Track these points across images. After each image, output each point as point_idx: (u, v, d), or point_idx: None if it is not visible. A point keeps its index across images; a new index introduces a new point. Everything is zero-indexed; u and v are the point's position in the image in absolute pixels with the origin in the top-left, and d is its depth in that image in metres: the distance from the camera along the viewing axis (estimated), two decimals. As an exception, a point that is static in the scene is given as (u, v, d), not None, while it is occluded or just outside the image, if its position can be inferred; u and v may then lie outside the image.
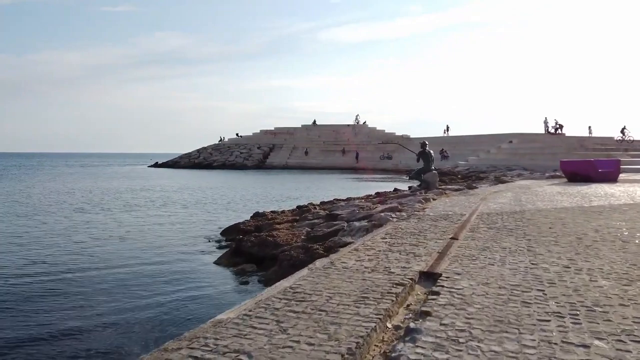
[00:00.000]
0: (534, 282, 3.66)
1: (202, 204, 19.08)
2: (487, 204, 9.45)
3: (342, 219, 8.80)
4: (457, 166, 36.04)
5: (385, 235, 5.82)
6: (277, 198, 21.67)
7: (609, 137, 40.34)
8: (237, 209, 17.20)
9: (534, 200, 9.92)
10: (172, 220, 14.33)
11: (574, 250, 4.79)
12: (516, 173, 25.70)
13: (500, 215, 7.59)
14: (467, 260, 4.40)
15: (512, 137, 41.54)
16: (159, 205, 18.47)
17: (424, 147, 14.02)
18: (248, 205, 18.16)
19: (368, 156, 53.28)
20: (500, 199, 10.50)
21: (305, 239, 7.69)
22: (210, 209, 17.47)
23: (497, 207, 8.85)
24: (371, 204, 10.19)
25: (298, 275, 3.91)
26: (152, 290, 6.65)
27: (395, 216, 7.82)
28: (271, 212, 11.56)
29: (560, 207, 8.78)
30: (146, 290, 6.70)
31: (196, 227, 12.85)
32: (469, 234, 5.90)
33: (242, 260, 7.55)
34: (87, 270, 7.90)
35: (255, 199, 21.15)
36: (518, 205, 9.14)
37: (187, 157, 61.62)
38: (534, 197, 10.64)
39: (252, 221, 10.48)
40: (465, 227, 6.44)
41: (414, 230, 6.18)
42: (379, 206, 9.83)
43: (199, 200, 20.85)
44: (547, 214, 7.69)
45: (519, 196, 11.03)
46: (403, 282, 3.62)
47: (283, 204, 17.69)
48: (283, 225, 9.33)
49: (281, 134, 63.21)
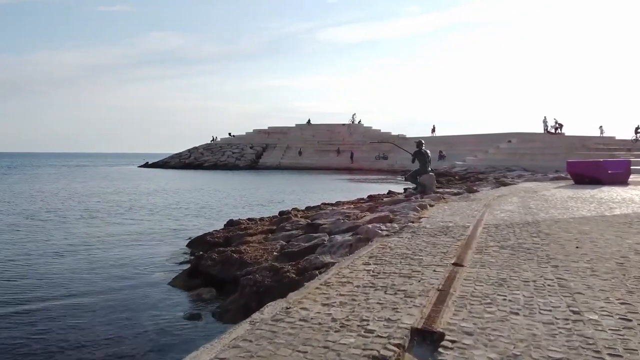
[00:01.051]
0: (587, 353, 2.37)
1: (173, 209, 17.21)
2: (493, 211, 8.18)
3: (324, 230, 7.53)
4: (454, 166, 34.77)
5: (369, 260, 4.53)
6: (260, 202, 20.06)
7: (610, 137, 39.32)
8: (212, 216, 15.53)
9: (546, 208, 8.66)
10: (134, 229, 12.61)
11: (623, 286, 3.52)
12: (517, 174, 24.45)
13: (511, 228, 6.32)
14: (479, 304, 3.12)
15: (510, 136, 40.26)
16: (124, 211, 16.58)
17: (420, 146, 12.70)
18: (224, 211, 16.53)
19: (363, 156, 51.86)
20: (507, 205, 9.23)
21: (277, 256, 6.42)
22: (181, 215, 15.71)
23: (505, 216, 7.58)
24: (359, 212, 8.91)
25: (230, 338, 2.61)
26: (74, 325, 5.31)
27: (385, 228, 6.54)
28: (247, 220, 10.24)
29: (578, 216, 7.52)
30: (67, 323, 5.35)
31: (159, 237, 11.27)
32: (477, 256, 4.62)
33: (200, 282, 6.27)
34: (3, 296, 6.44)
35: (235, 203, 19.49)
36: (529, 213, 7.87)
37: (177, 157, 60.09)
38: (545, 203, 9.39)
39: (223, 231, 9.15)
40: (471, 245, 5.17)
41: (406, 251, 4.90)
42: (368, 214, 8.55)
43: (171, 204, 18.89)
44: (566, 226, 6.43)
45: (527, 202, 9.78)
46: (385, 356, 2.33)
47: (264, 210, 16.16)
48: (256, 237, 8.04)
49: (275, 133, 61.71)
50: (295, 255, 6.36)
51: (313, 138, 58.89)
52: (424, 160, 12.51)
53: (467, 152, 40.07)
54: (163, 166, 57.12)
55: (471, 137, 45.74)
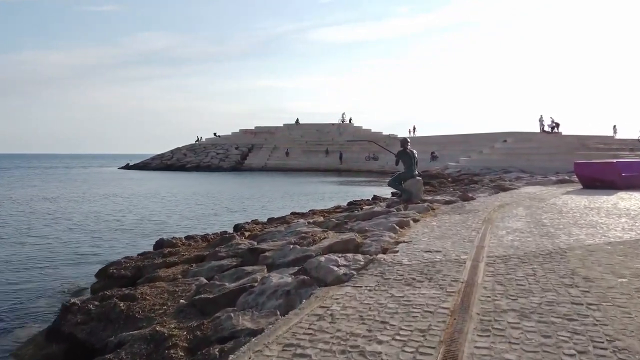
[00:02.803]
0: None
1: (104, 222, 13.74)
2: (496, 231, 6.10)
3: (265, 260, 5.42)
4: (447, 168, 32.68)
5: (284, 350, 2.42)
6: (218, 211, 16.60)
7: (609, 136, 37.55)
8: (147, 231, 12.12)
9: (564, 224, 6.59)
10: (33, 251, 9.64)
11: None
12: (514, 176, 22.43)
13: (527, 265, 4.24)
14: None
15: (506, 136, 38.21)
16: (40, 225, 13.16)
17: (405, 145, 10.58)
18: (167, 224, 13.42)
19: (353, 157, 49.63)
20: (512, 220, 7.16)
21: (183, 307, 4.32)
22: (108, 229, 12.36)
23: (513, 239, 5.50)
24: (320, 231, 6.79)
25: None
26: None
27: (344, 263, 4.46)
28: (183, 240, 7.99)
29: (615, 239, 5.44)
30: None
31: (60, 263, 8.54)
32: (482, 342, 2.53)
33: (60, 351, 4.13)
34: None
35: (187, 213, 15.95)
36: (545, 235, 5.80)
37: (159, 158, 57.49)
38: (560, 217, 7.32)
39: (139, 258, 6.87)
40: (470, 309, 3.08)
41: (359, 326, 2.79)
42: (330, 235, 6.43)
43: (107, 214, 15.40)
44: (608, 261, 4.35)
45: (537, 215, 7.71)
46: None
47: (216, 222, 13.51)
48: (173, 270, 5.87)
49: (262, 133, 59.23)
50: (208, 306, 4.24)
51: (301, 138, 56.58)
52: (410, 162, 10.41)
53: (460, 152, 38.04)
54: (144, 168, 54.59)
55: (464, 137, 43.64)
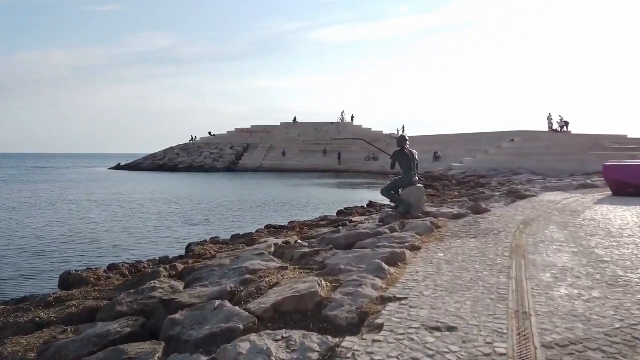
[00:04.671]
0: None
1: (25, 245, 10.40)
2: (537, 274, 4.01)
3: (172, 328, 3.31)
4: (451, 169, 30.54)
5: None
6: (179, 224, 13.55)
7: (622, 136, 35.37)
8: (60, 258, 9.02)
9: (631, 258, 4.49)
10: None
11: None
12: (525, 178, 20.28)
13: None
14: None
15: (512, 135, 36.03)
16: None
17: (402, 144, 8.48)
18: (98, 245, 10.33)
19: (352, 157, 47.46)
20: (552, 250, 5.05)
21: None
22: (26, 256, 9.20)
23: (571, 296, 3.41)
24: (276, 267, 4.66)
25: None
26: None
27: (283, 357, 2.41)
28: (101, 272, 5.86)
29: None
30: None
31: None
32: None
33: None
34: None
35: (140, 225, 13.25)
36: (614, 282, 3.70)
37: (151, 158, 55.40)
38: (617, 245, 5.23)
39: (26, 302, 4.75)
40: None
41: None
42: (287, 275, 4.34)
43: (40, 233, 12.05)
44: None
45: (583, 240, 5.61)
46: None
47: (173, 238, 11.04)
48: (34, 340, 3.77)
49: (258, 132, 57.04)
50: None
51: (299, 137, 54.43)
52: (409, 165, 8.30)
53: (465, 152, 35.87)
54: (135, 168, 52.53)
55: (470, 136, 41.46)
